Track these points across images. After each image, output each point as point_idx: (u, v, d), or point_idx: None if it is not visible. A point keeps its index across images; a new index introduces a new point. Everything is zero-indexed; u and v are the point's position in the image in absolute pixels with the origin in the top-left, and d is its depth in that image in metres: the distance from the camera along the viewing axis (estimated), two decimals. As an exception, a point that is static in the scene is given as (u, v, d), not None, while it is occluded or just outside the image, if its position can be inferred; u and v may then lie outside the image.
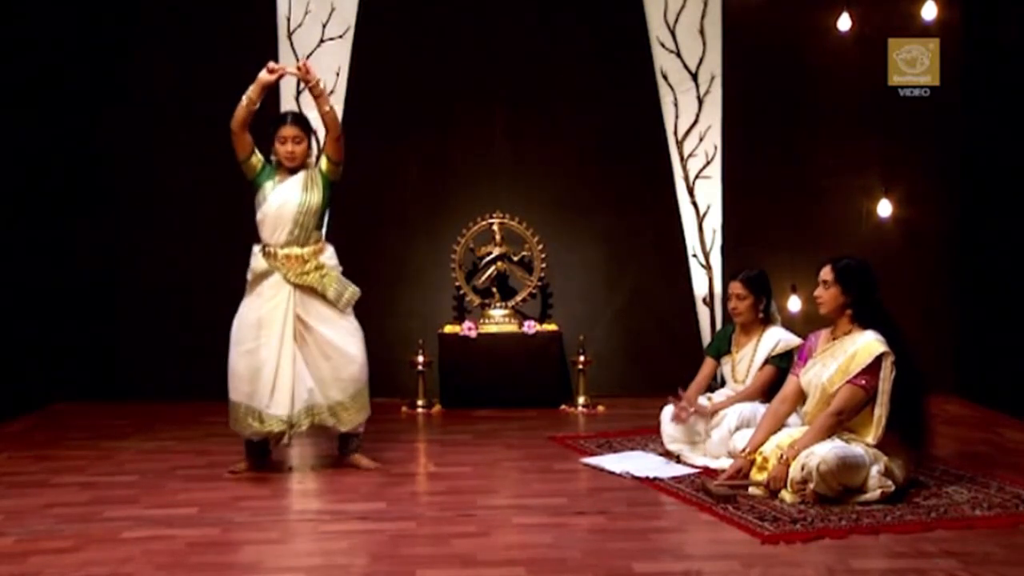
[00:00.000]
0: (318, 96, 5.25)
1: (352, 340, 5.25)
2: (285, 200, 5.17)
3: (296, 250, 5.18)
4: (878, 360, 4.59)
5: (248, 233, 5.34)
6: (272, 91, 6.90)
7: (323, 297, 5.18)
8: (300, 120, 5.30)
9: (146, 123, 7.14)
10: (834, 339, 4.80)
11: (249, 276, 5.24)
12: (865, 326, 4.71)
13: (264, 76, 5.18)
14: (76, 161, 7.10)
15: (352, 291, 5.25)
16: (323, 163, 5.29)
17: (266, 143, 5.25)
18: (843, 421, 4.63)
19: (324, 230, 5.35)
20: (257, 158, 5.22)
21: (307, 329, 5.17)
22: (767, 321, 5.52)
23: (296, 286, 5.14)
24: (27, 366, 6.79)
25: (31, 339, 6.84)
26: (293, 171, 5.23)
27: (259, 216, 5.23)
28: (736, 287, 5.52)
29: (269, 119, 5.35)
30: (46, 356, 6.97)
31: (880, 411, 4.58)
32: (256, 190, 5.23)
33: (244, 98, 5.15)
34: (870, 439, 4.58)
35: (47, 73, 6.95)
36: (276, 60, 6.92)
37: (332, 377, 5.19)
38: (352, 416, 5.23)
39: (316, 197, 5.21)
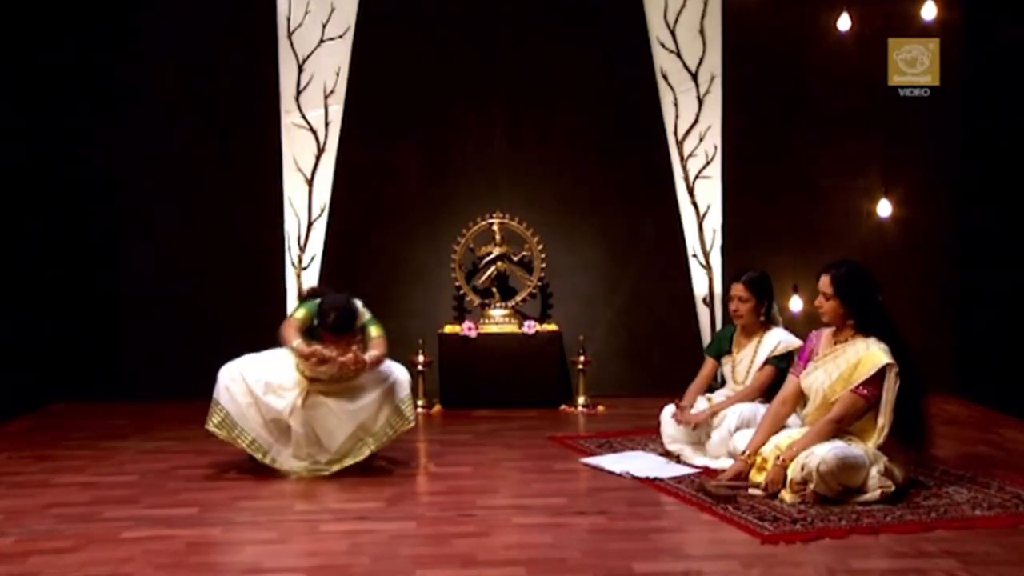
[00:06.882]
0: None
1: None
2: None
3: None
4: (882, 371, 4.59)
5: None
6: (272, 94, 6.98)
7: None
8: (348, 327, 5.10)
9: (146, 123, 7.13)
10: (836, 343, 4.78)
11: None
12: (868, 332, 4.71)
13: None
14: (76, 161, 7.09)
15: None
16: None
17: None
18: (842, 428, 4.62)
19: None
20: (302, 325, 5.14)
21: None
22: (768, 323, 5.50)
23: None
24: (26, 366, 6.79)
25: (30, 339, 6.84)
26: None
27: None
28: (738, 289, 5.47)
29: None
30: (46, 356, 6.97)
31: (883, 420, 4.58)
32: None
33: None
34: (871, 445, 4.58)
35: (47, 73, 6.95)
36: (276, 60, 6.97)
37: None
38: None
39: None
